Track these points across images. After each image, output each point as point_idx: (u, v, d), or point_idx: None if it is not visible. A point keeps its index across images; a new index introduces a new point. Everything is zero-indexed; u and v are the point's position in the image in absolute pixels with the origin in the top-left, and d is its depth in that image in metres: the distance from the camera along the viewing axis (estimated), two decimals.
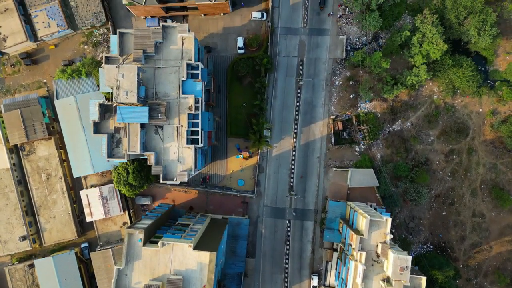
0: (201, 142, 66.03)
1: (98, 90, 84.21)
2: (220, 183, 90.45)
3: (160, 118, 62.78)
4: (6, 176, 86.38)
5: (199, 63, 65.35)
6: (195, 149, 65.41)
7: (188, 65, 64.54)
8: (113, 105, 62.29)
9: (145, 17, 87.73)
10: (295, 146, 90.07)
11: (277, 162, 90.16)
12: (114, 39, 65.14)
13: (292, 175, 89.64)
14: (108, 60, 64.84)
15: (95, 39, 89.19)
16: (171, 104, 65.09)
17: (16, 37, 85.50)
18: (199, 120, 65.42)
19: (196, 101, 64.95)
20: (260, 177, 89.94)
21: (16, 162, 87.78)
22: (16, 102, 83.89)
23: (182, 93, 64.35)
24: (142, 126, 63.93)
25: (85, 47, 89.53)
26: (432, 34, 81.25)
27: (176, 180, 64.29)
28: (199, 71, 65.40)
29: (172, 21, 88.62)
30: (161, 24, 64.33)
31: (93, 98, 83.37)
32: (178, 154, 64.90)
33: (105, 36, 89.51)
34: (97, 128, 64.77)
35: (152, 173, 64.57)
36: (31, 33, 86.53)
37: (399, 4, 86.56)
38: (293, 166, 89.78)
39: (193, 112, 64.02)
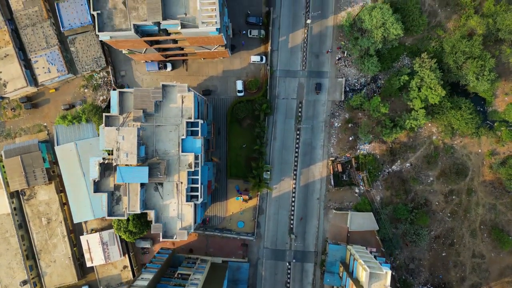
0: (201, 197, 66.22)
1: (98, 136, 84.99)
2: (220, 224, 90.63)
3: (160, 177, 63.07)
4: (7, 221, 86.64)
5: (198, 120, 65.62)
6: (195, 205, 65.63)
7: (187, 123, 64.83)
8: (113, 165, 62.52)
9: (145, 61, 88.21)
10: (295, 188, 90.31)
11: (277, 204, 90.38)
12: (114, 98, 65.48)
13: (292, 217, 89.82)
14: (108, 119, 65.15)
15: (95, 82, 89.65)
16: (171, 161, 65.40)
17: (16, 83, 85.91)
18: (199, 176, 65.59)
19: (196, 158, 65.20)
20: (260, 218, 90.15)
21: (17, 206, 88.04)
22: (17, 148, 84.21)
23: (182, 151, 64.64)
24: (142, 184, 64.18)
25: (85, 90, 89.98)
26: (430, 79, 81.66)
27: (175, 238, 64.47)
28: (199, 128, 65.68)
29: (172, 65, 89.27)
30: (161, 83, 64.66)
31: (93, 144, 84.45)
32: (178, 211, 65.16)
33: (105, 79, 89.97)
34: (97, 186, 64.99)
35: (151, 232, 64.71)
36: (31, 78, 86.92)
37: (397, 47, 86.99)
38: (293, 208, 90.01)
39: (192, 169, 64.25)
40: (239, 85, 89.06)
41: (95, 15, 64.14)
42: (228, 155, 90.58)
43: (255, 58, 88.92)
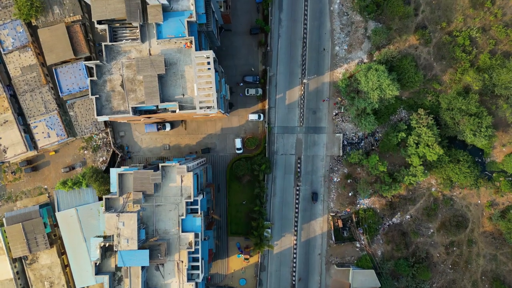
0: (202, 273, 66.48)
1: (99, 200, 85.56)
2: (222, 282, 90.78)
3: (161, 258, 63.41)
4: (10, 286, 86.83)
5: (198, 198, 66.02)
6: (196, 284, 65.89)
7: (187, 202, 65.24)
8: (114, 250, 62.88)
9: (144, 123, 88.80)
10: (295, 244, 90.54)
11: (278, 260, 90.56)
12: (113, 178, 65.93)
13: (294, 273, 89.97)
14: (108, 201, 65.54)
15: (94, 144, 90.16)
16: (171, 240, 65.75)
17: (16, 148, 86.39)
18: (199, 255, 65.92)
19: (196, 237, 65.55)
20: (262, 276, 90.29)
21: (19, 270, 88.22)
22: (18, 215, 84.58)
23: (182, 231, 65.01)
24: (143, 266, 64.45)
25: (85, 152, 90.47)
26: (428, 137, 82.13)
27: None
28: (198, 206, 66.07)
29: (171, 124, 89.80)
30: (160, 165, 65.11)
31: (94, 209, 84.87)
32: None
33: (105, 140, 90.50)
34: (99, 268, 65.28)
35: None
36: (31, 142, 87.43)
37: (394, 102, 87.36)
38: (294, 264, 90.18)
39: (193, 249, 64.60)
40: (238, 143, 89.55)
41: (94, 99, 64.62)
42: (228, 212, 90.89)
43: (253, 117, 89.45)
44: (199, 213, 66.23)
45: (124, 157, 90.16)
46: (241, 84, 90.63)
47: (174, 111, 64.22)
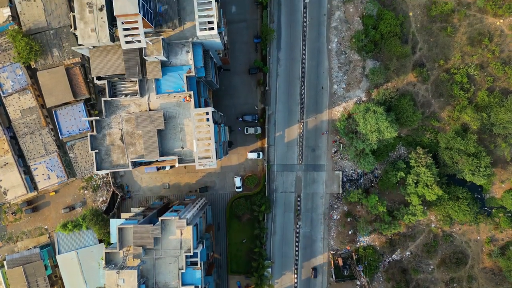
0: None
1: (99, 243, 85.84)
2: None
3: None
4: None
5: (197, 250, 66.20)
6: None
7: (187, 256, 65.43)
8: None
9: None
10: (296, 282, 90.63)
11: None
12: (113, 230, 66.16)
13: None
14: (108, 255, 65.72)
15: (94, 183, 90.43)
16: None
17: (16, 190, 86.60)
18: None
19: None
20: None
21: None
22: (19, 258, 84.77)
23: (182, 285, 65.17)
24: None
25: (85, 192, 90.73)
26: (427, 177, 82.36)
27: None
28: (198, 258, 66.23)
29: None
30: (160, 219, 65.24)
31: (94, 252, 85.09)
32: None
33: (105, 179, 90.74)
34: None
35: None
36: (31, 184, 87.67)
37: (392, 142, 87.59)
38: None
39: None
40: (238, 181, 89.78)
41: (93, 154, 64.92)
42: (228, 251, 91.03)
43: (252, 155, 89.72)
44: (198, 265, 66.34)
45: (124, 196, 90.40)
46: (240, 119, 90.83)
47: (173, 166, 64.22)
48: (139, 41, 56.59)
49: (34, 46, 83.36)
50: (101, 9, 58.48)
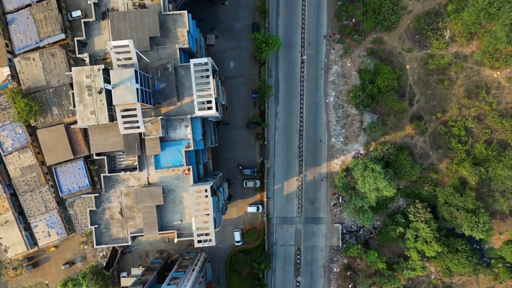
0: None
1: None
2: None
3: None
4: None
5: None
6: None
7: None
8: None
9: None
10: None
11: None
12: None
13: None
14: None
15: None
16: None
17: (17, 248, 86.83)
18: None
19: None
20: None
21: None
22: None
23: None
24: None
25: (85, 247, 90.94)
26: (426, 233, 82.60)
27: None
28: None
29: None
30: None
31: None
32: None
33: None
34: None
35: None
36: (32, 240, 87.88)
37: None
38: None
39: None
40: (237, 236, 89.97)
41: (93, 229, 65.24)
42: None
43: (251, 209, 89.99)
44: None
45: (124, 251, 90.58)
46: (239, 176, 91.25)
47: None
48: (138, 127, 57.02)
49: (34, 106, 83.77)
50: (100, 92, 58.99)
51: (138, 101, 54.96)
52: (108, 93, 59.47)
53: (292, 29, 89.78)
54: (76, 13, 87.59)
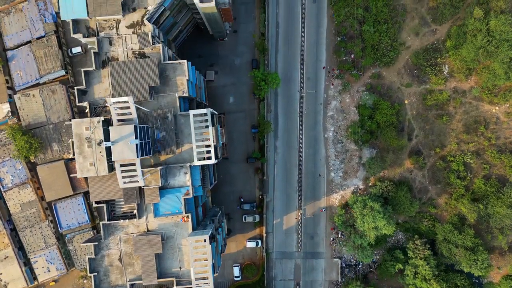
0: None
1: None
2: None
3: None
4: None
5: None
6: None
7: None
8: None
9: None
10: None
11: None
12: None
13: None
14: None
15: None
16: None
17: (17, 283, 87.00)
18: None
19: None
20: None
21: None
22: None
23: None
24: None
25: (85, 281, 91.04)
26: (425, 271, 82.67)
27: None
28: None
29: None
30: None
31: None
32: None
33: None
34: None
35: None
36: (31, 275, 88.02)
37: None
38: None
39: None
40: (236, 271, 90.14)
41: (92, 277, 65.39)
42: None
43: (250, 244, 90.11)
44: None
45: None
46: (238, 207, 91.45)
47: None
48: (137, 181, 57.29)
49: (34, 144, 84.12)
50: (99, 144, 59.26)
51: (138, 157, 55.23)
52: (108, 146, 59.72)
53: (291, 64, 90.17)
54: (76, 49, 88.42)
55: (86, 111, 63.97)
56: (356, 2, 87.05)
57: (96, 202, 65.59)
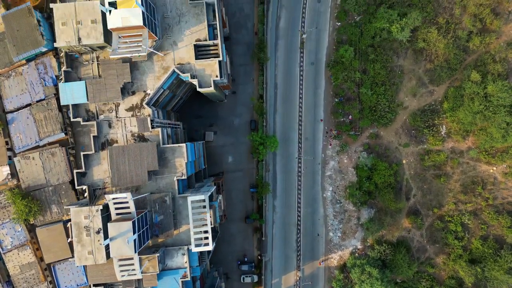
0: None
1: None
2: None
3: None
4: None
5: None
6: None
7: None
8: None
9: None
10: None
11: None
12: None
13: None
14: None
15: None
16: None
17: None
18: None
19: None
20: None
21: None
22: None
23: None
24: None
25: None
26: None
27: None
28: None
29: None
30: None
31: None
32: None
33: None
34: None
35: None
36: None
37: None
38: None
39: None
40: None
41: None
42: None
43: None
44: None
45: None
46: (238, 263, 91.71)
47: None
48: (135, 274, 57.62)
49: (33, 207, 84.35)
50: (98, 232, 59.65)
51: (136, 252, 55.58)
52: (106, 230, 60.14)
53: (289, 125, 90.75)
54: None
55: (85, 196, 64.36)
56: (353, 66, 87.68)
57: (95, 285, 65.82)
